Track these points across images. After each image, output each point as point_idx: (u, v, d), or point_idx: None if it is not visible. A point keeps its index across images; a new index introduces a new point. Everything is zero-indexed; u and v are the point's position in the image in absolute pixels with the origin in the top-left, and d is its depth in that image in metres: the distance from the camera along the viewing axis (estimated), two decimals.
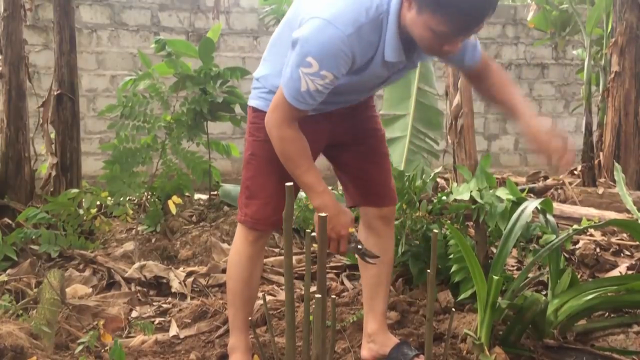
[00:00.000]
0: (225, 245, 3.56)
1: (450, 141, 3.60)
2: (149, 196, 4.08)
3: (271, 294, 2.99)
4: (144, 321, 2.63)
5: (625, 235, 3.59)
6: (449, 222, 2.85)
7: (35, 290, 2.76)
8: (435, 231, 1.31)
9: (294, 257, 3.26)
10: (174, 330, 2.64)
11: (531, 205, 2.50)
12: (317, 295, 1.21)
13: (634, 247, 3.44)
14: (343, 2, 1.76)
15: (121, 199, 3.87)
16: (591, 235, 3.60)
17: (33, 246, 3.40)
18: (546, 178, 5.66)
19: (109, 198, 3.90)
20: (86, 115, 6.30)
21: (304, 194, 2.14)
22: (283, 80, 1.84)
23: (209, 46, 4.22)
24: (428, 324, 1.32)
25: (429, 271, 1.26)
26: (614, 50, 5.11)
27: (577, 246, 3.39)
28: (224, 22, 6.65)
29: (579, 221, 3.62)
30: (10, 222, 3.55)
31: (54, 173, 3.97)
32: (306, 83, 1.76)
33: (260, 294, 2.33)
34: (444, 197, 3.09)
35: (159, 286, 3.16)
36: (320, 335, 1.23)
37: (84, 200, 3.76)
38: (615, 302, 2.46)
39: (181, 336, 2.60)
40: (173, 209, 3.89)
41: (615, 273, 3.00)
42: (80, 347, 2.28)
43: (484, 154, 7.97)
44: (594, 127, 5.42)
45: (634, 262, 3.15)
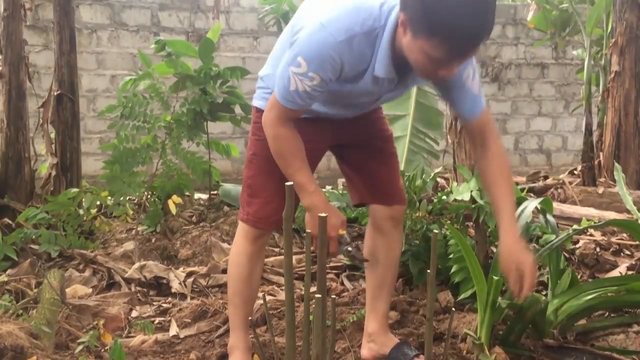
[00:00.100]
0: (225, 245, 3.56)
1: (450, 141, 3.61)
2: (149, 196, 4.08)
3: (271, 294, 2.99)
4: (144, 321, 2.63)
5: (625, 235, 3.59)
6: (449, 222, 2.85)
7: (35, 290, 2.76)
8: (435, 231, 1.31)
9: (294, 257, 3.26)
10: (174, 330, 2.64)
11: (531, 205, 2.51)
12: (317, 295, 1.21)
13: (634, 247, 3.43)
14: (343, 9, 1.77)
15: (121, 199, 3.87)
16: (591, 235, 3.60)
17: (33, 246, 3.40)
18: (546, 178, 5.67)
19: (109, 198, 3.90)
20: (86, 115, 6.30)
21: None
22: (276, 79, 1.87)
23: (209, 46, 4.22)
24: (428, 324, 1.32)
25: (429, 271, 1.26)
26: (614, 50, 5.11)
27: (577, 246, 3.39)
28: (224, 22, 6.65)
29: (579, 221, 3.62)
30: (10, 222, 3.55)
31: (54, 173, 3.97)
32: (295, 83, 1.78)
33: (260, 294, 2.33)
34: (444, 197, 3.09)
35: (159, 286, 3.16)
36: (320, 335, 1.23)
37: (84, 200, 3.76)
38: (615, 302, 2.46)
39: (181, 336, 2.60)
40: (173, 209, 3.89)
41: (615, 273, 3.00)
42: (80, 347, 2.28)
43: None
44: (594, 127, 5.41)
45: (634, 262, 3.15)
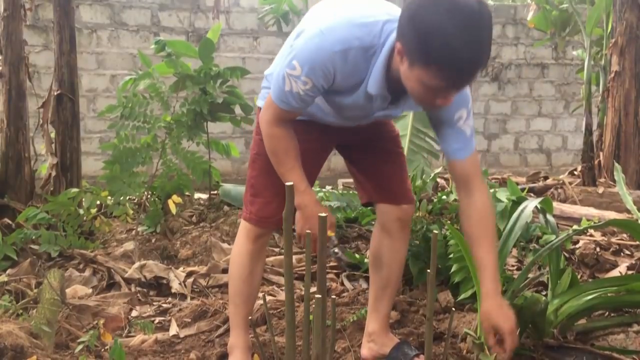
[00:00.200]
0: (225, 245, 3.56)
1: None
2: (149, 196, 4.08)
3: (271, 294, 2.99)
4: (144, 320, 2.63)
5: (625, 235, 3.59)
6: (449, 222, 2.85)
7: (35, 290, 2.76)
8: (435, 231, 1.31)
9: (294, 257, 3.26)
10: (174, 329, 2.64)
11: (531, 204, 2.50)
12: (317, 295, 1.21)
13: (634, 247, 3.44)
14: (345, 20, 1.77)
15: (121, 199, 3.87)
16: (591, 235, 3.60)
17: (33, 246, 3.40)
18: (546, 178, 5.67)
19: (109, 198, 3.90)
20: (86, 115, 6.30)
21: None
22: (273, 79, 1.90)
23: (209, 46, 4.22)
24: (428, 324, 1.32)
25: (429, 271, 1.26)
26: (614, 50, 5.11)
27: (577, 246, 3.39)
28: (224, 22, 6.65)
29: (579, 221, 3.62)
30: (10, 222, 3.55)
31: (54, 173, 3.97)
32: (290, 84, 1.79)
33: (260, 294, 2.34)
34: (444, 197, 3.10)
35: (159, 286, 3.16)
36: (320, 335, 1.23)
37: (84, 200, 3.76)
38: (615, 302, 2.45)
39: (181, 335, 2.60)
40: (173, 209, 3.89)
41: (615, 273, 3.00)
42: (80, 347, 2.28)
43: (484, 154, 8.00)
44: (594, 127, 5.41)
45: (634, 262, 3.15)
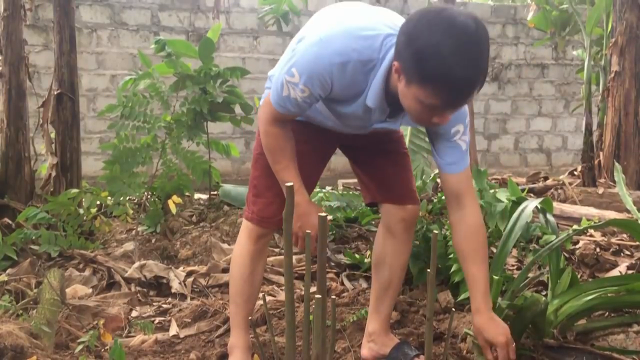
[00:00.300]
0: (225, 245, 3.57)
1: None
2: (149, 196, 4.08)
3: (271, 294, 2.99)
4: (144, 321, 2.63)
5: (625, 235, 3.59)
6: (449, 222, 2.85)
7: (35, 290, 2.76)
8: (435, 231, 1.31)
9: (294, 257, 3.26)
10: (174, 329, 2.64)
11: (531, 205, 2.50)
12: (317, 296, 1.21)
13: (634, 247, 3.43)
14: (345, 30, 1.76)
15: (121, 199, 3.87)
16: (591, 235, 3.60)
17: (33, 246, 3.40)
18: (546, 178, 5.67)
19: (109, 198, 3.90)
20: (86, 115, 6.30)
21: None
22: (273, 81, 1.91)
23: (209, 46, 4.22)
24: (428, 324, 1.32)
25: (429, 271, 1.26)
26: (614, 50, 5.11)
27: (577, 246, 3.38)
28: (224, 22, 6.66)
29: (579, 221, 3.62)
30: (10, 222, 3.55)
31: (54, 173, 3.97)
32: (288, 90, 1.81)
33: (260, 294, 2.34)
34: (444, 197, 3.09)
35: (159, 286, 3.16)
36: (320, 335, 1.23)
37: (84, 200, 3.76)
38: (615, 302, 2.45)
39: (181, 336, 2.60)
40: (173, 209, 3.89)
41: (615, 273, 2.99)
42: (80, 347, 2.28)
43: (484, 154, 7.99)
44: (594, 127, 5.41)
45: (634, 262, 3.15)
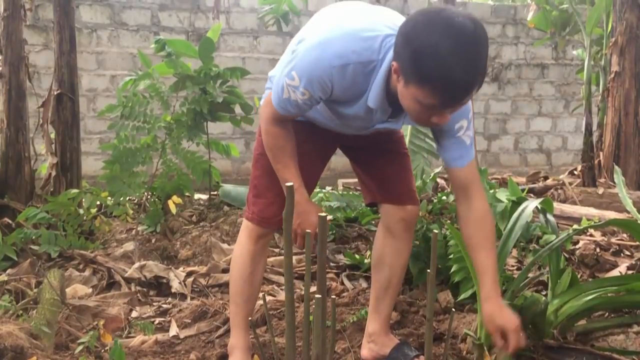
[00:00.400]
0: (225, 245, 3.56)
1: None
2: (149, 196, 4.08)
3: (271, 294, 2.99)
4: (144, 321, 2.63)
5: (625, 235, 3.59)
6: (449, 222, 2.85)
7: (35, 290, 2.76)
8: (435, 231, 1.31)
9: (294, 257, 3.26)
10: (174, 330, 2.64)
11: (531, 205, 2.50)
12: (317, 296, 1.21)
13: (634, 247, 3.43)
14: (344, 33, 1.77)
15: (121, 199, 3.87)
16: (591, 235, 3.60)
17: (33, 246, 3.39)
18: (546, 178, 5.67)
19: (109, 198, 3.90)
20: (86, 115, 6.30)
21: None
22: (273, 82, 1.93)
23: (209, 46, 4.22)
24: (428, 324, 1.32)
25: (429, 271, 1.26)
26: (614, 50, 5.11)
27: (577, 246, 3.38)
28: (224, 22, 6.65)
29: (579, 221, 3.62)
30: (10, 222, 3.55)
31: (54, 173, 3.97)
32: (288, 92, 1.82)
33: (260, 294, 2.34)
34: (444, 197, 3.10)
35: (159, 286, 3.15)
36: (320, 335, 1.23)
37: (84, 200, 3.76)
38: (615, 302, 2.45)
39: (181, 336, 2.60)
40: (173, 209, 3.89)
41: (615, 273, 3.00)
42: (80, 347, 2.28)
43: (484, 154, 7.98)
44: (594, 127, 5.41)
45: (634, 262, 3.15)
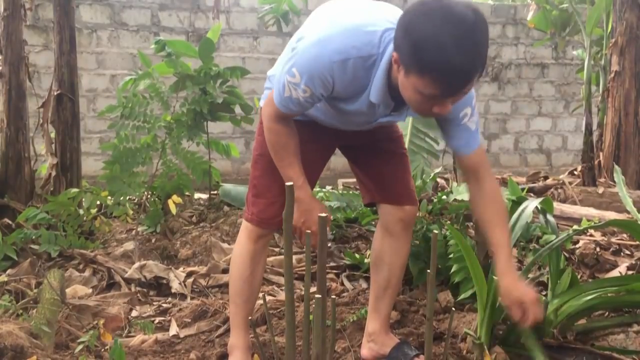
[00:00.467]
0: (225, 245, 3.56)
1: None
2: (149, 196, 4.08)
3: (271, 294, 2.99)
4: (144, 320, 2.63)
5: (625, 235, 3.59)
6: (449, 222, 2.86)
7: (35, 290, 2.76)
8: (435, 231, 1.31)
9: (294, 257, 3.26)
10: (174, 329, 2.64)
11: (531, 204, 2.50)
12: (317, 295, 1.21)
13: (634, 247, 3.44)
14: (343, 29, 1.77)
15: (121, 199, 3.87)
16: (591, 235, 3.60)
17: (33, 246, 3.39)
18: (546, 178, 5.67)
19: (109, 198, 3.90)
20: (86, 115, 6.30)
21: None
22: (275, 81, 1.94)
23: (209, 46, 4.22)
24: (428, 324, 1.32)
25: (429, 271, 1.26)
26: (614, 50, 5.11)
27: (577, 246, 3.38)
28: (224, 22, 6.65)
29: (579, 221, 3.62)
30: (10, 222, 3.55)
31: (54, 173, 3.97)
32: (289, 90, 1.82)
33: (260, 294, 2.34)
34: (444, 197, 3.09)
35: (159, 286, 3.16)
36: (320, 335, 1.23)
37: (84, 200, 3.76)
38: (615, 302, 2.45)
39: (181, 335, 2.60)
40: (173, 209, 3.89)
41: (615, 273, 3.00)
42: (80, 347, 2.28)
43: None
44: (594, 127, 5.41)
45: (634, 262, 3.15)
